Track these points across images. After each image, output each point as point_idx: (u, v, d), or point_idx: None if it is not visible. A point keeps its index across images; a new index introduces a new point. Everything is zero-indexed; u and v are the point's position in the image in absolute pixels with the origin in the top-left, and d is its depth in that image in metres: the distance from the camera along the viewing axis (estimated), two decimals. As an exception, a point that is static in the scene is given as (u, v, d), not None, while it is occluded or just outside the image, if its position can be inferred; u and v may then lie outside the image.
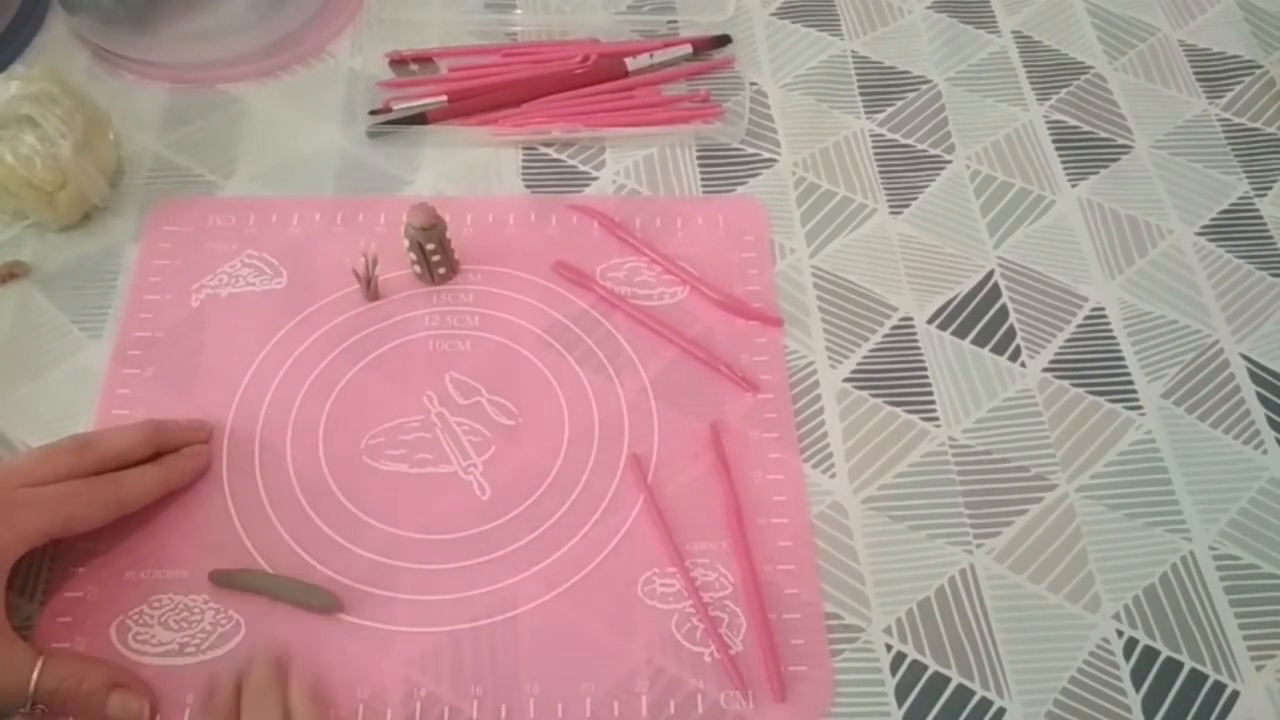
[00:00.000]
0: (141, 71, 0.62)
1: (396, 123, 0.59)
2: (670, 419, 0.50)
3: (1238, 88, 0.65)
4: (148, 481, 0.45)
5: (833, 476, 0.49)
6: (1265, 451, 0.51)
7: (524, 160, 0.59)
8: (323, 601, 0.44)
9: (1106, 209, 0.59)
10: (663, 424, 0.50)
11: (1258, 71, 0.66)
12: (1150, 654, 0.45)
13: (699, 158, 0.60)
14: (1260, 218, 0.59)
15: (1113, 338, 0.54)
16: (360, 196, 0.57)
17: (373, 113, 0.60)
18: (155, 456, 0.46)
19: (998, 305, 0.55)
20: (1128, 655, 0.45)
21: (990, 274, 0.56)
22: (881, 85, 0.64)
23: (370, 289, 0.53)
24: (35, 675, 0.39)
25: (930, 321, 0.54)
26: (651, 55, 0.63)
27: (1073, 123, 0.63)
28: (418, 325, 0.52)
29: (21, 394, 0.50)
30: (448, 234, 0.52)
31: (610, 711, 0.43)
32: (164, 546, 0.45)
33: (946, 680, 0.44)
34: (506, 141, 0.59)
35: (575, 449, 0.49)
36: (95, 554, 0.45)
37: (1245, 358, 0.54)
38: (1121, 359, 0.54)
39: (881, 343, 0.53)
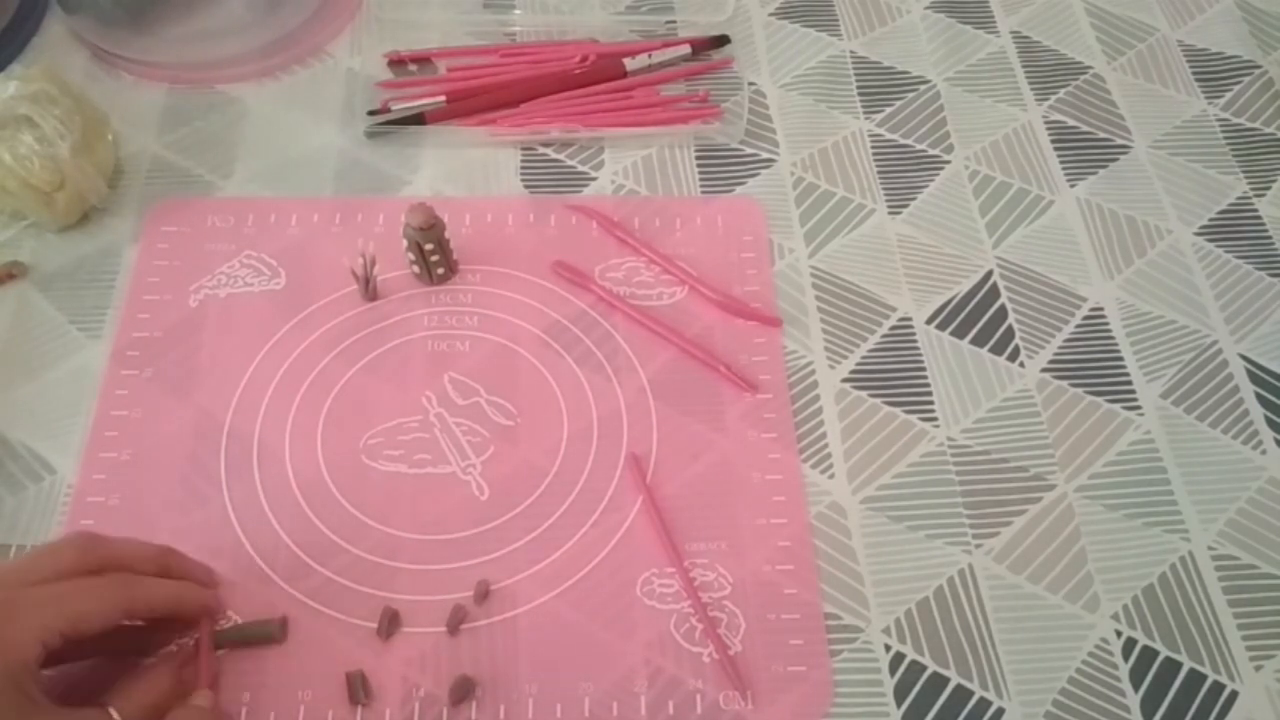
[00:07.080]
0: (140, 72, 0.62)
1: (395, 123, 0.59)
2: (669, 419, 0.50)
3: (1236, 88, 0.65)
4: (162, 591, 0.41)
5: (831, 477, 0.49)
6: (1264, 451, 0.51)
7: (523, 160, 0.59)
8: (268, 633, 0.43)
9: (1105, 209, 0.59)
10: (661, 424, 0.50)
11: (1256, 72, 0.66)
12: (1149, 654, 0.45)
13: (698, 158, 0.60)
14: (1259, 218, 0.59)
15: (1111, 338, 0.54)
16: (359, 197, 0.57)
17: (371, 113, 0.60)
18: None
19: (996, 305, 0.55)
20: (1126, 655, 0.45)
21: (989, 274, 0.56)
22: (880, 85, 0.64)
23: (369, 289, 0.53)
24: None
25: (929, 322, 0.54)
26: (650, 55, 0.63)
27: (1071, 123, 0.63)
28: (416, 325, 0.52)
29: (20, 394, 0.50)
30: (446, 234, 0.52)
31: (609, 711, 0.43)
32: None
33: (945, 680, 0.44)
34: (505, 142, 0.59)
35: (574, 449, 0.49)
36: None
37: (1244, 358, 0.54)
38: (1120, 359, 0.54)
39: (880, 343, 0.53)
